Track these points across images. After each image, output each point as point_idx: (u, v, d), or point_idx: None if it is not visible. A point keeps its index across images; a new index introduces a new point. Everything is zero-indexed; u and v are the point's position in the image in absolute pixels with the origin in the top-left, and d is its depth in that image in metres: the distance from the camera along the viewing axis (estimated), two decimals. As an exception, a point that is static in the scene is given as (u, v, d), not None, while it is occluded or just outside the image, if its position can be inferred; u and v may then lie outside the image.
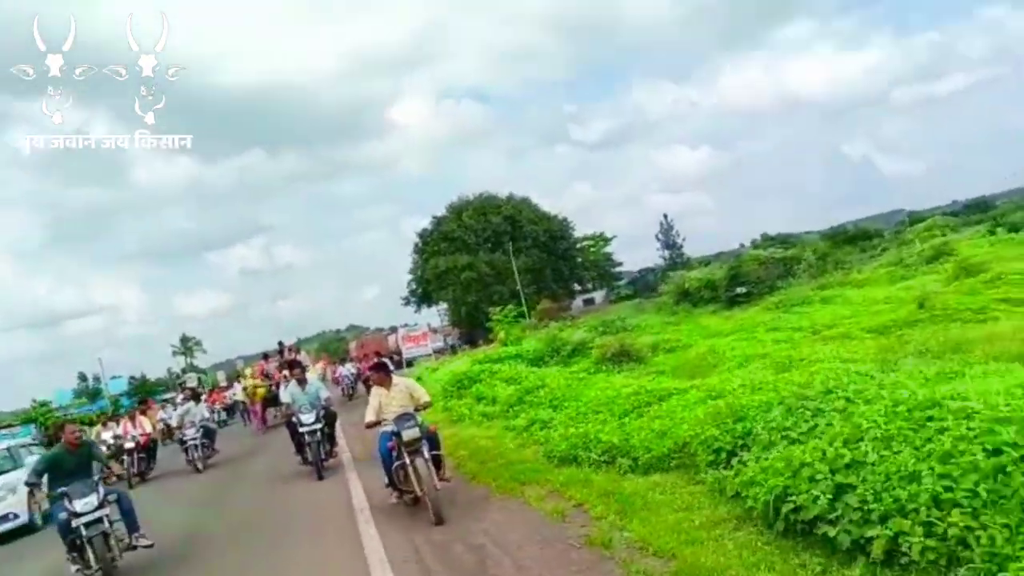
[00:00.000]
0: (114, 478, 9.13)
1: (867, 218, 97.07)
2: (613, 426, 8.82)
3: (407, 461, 7.49)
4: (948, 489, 4.02)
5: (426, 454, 7.49)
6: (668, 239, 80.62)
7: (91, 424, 31.04)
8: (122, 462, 15.90)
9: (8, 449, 14.21)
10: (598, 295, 78.94)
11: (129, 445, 16.06)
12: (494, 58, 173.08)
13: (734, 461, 6.15)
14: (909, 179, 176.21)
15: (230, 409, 30.57)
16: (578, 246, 75.81)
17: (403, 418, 7.66)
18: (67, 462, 8.25)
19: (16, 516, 11.95)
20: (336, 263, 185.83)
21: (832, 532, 4.37)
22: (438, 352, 50.33)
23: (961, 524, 3.79)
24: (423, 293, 70.14)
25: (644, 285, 66.58)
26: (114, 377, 64.14)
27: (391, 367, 9.19)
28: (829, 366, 9.38)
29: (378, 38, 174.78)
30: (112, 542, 7.93)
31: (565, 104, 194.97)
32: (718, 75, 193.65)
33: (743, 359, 13.90)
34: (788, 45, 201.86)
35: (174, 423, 17.67)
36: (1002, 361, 8.89)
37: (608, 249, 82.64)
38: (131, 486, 14.95)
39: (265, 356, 25.18)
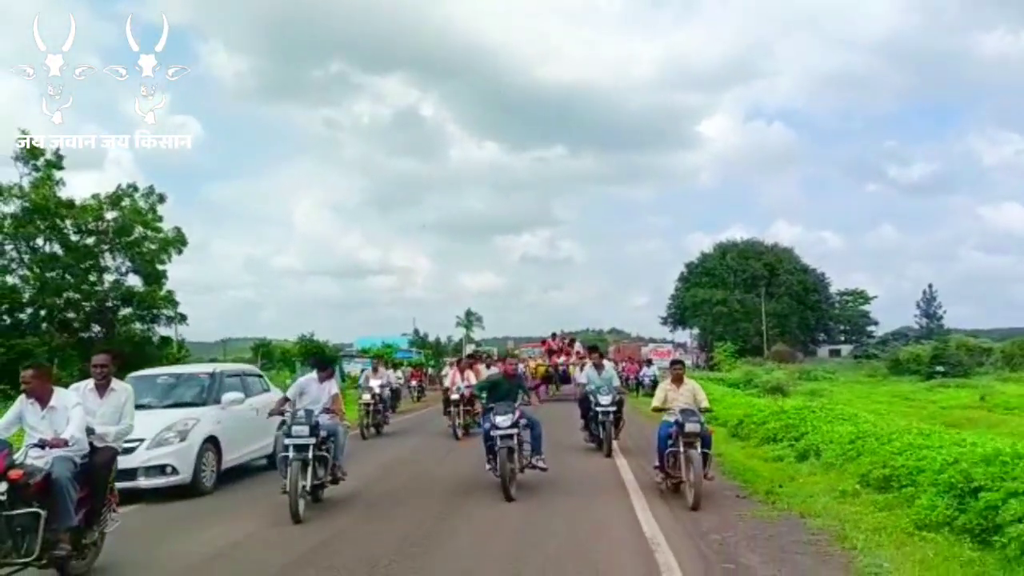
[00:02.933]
0: (536, 403, 10.38)
1: None
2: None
3: (681, 450, 8.06)
4: None
5: (699, 448, 7.96)
6: (928, 308, 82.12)
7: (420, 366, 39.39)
8: (449, 413, 16.10)
9: (241, 376, 11.54)
10: (845, 348, 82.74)
11: (455, 397, 15.82)
12: (815, 81, 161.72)
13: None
14: None
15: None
16: (833, 301, 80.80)
17: (688, 412, 8.17)
18: (502, 386, 9.57)
19: (174, 471, 8.99)
20: (612, 265, 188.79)
21: None
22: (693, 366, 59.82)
23: None
24: (680, 317, 79.79)
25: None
26: (404, 334, 66.70)
27: (682, 364, 9.64)
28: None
29: (700, 50, 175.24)
30: (516, 457, 8.85)
31: (884, 139, 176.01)
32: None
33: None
34: None
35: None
36: None
37: (866, 307, 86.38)
38: (456, 437, 15.17)
39: (553, 336, 28.60)
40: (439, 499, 9.11)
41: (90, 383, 6.52)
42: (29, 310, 30.07)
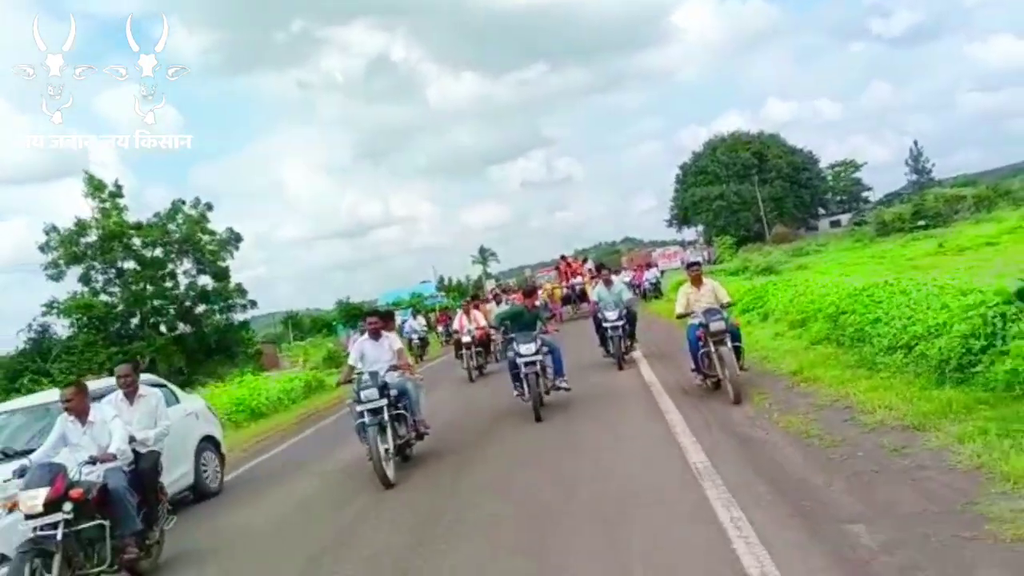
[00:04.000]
0: (555, 331, 10.76)
1: None
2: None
3: (712, 349, 8.19)
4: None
5: (729, 344, 8.14)
6: (917, 165, 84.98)
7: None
8: (461, 357, 15.99)
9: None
10: (845, 218, 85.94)
11: (466, 339, 15.70)
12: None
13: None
14: None
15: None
16: (824, 175, 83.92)
17: (710, 312, 8.33)
18: (523, 316, 10.05)
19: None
20: (613, 175, 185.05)
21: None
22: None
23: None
24: (683, 217, 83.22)
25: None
26: (423, 282, 68.07)
27: (700, 266, 9.71)
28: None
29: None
30: (541, 380, 9.41)
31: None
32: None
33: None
34: None
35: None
36: None
37: (858, 175, 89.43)
38: (471, 379, 15.12)
39: (563, 258, 29.16)
40: (476, 431, 9.59)
41: (119, 394, 6.69)
42: (134, 321, 34.95)
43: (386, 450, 7.34)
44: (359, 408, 7.50)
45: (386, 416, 7.46)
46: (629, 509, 5.17)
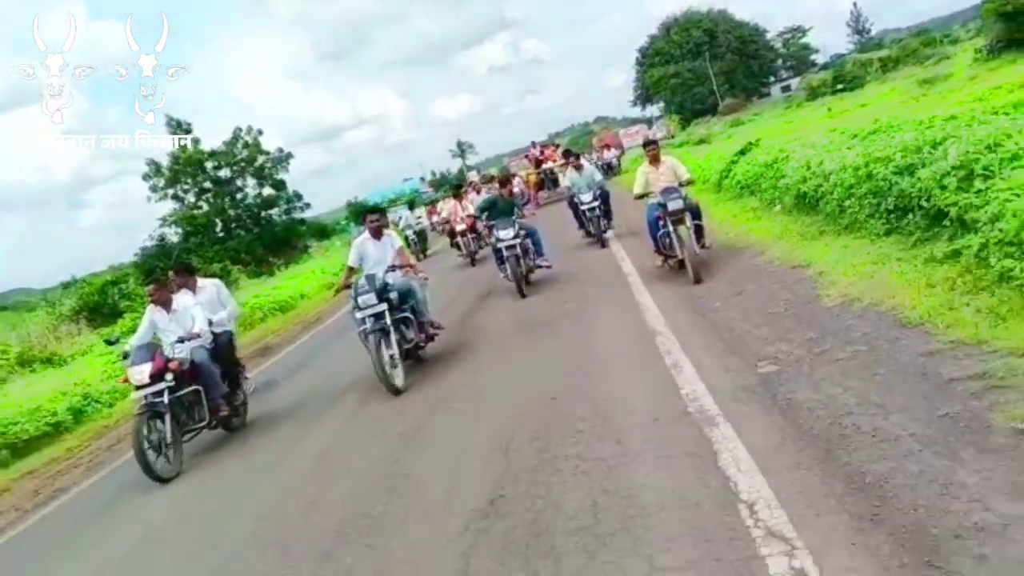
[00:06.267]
0: (532, 215, 11.38)
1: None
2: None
3: (672, 229, 7.91)
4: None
5: (688, 223, 7.92)
6: (858, 25, 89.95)
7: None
8: (456, 245, 16.49)
9: None
10: (795, 83, 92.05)
11: (460, 227, 15.99)
12: None
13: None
14: None
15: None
16: (772, 44, 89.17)
17: (669, 191, 8.01)
18: (499, 204, 10.40)
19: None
20: (580, 53, 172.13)
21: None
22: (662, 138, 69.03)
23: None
24: (646, 96, 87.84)
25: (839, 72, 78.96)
26: (407, 179, 66.50)
27: (657, 144, 9.32)
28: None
29: None
30: (523, 261, 9.80)
31: None
32: None
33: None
34: None
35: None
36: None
37: (806, 40, 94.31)
38: (473, 263, 15.46)
39: (533, 144, 30.69)
40: (469, 304, 10.63)
41: (182, 291, 7.22)
42: (219, 227, 44.58)
43: (391, 356, 6.88)
44: (358, 315, 6.99)
45: (388, 320, 6.92)
46: (600, 354, 6.29)
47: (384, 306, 6.94)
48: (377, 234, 7.75)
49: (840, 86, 50.19)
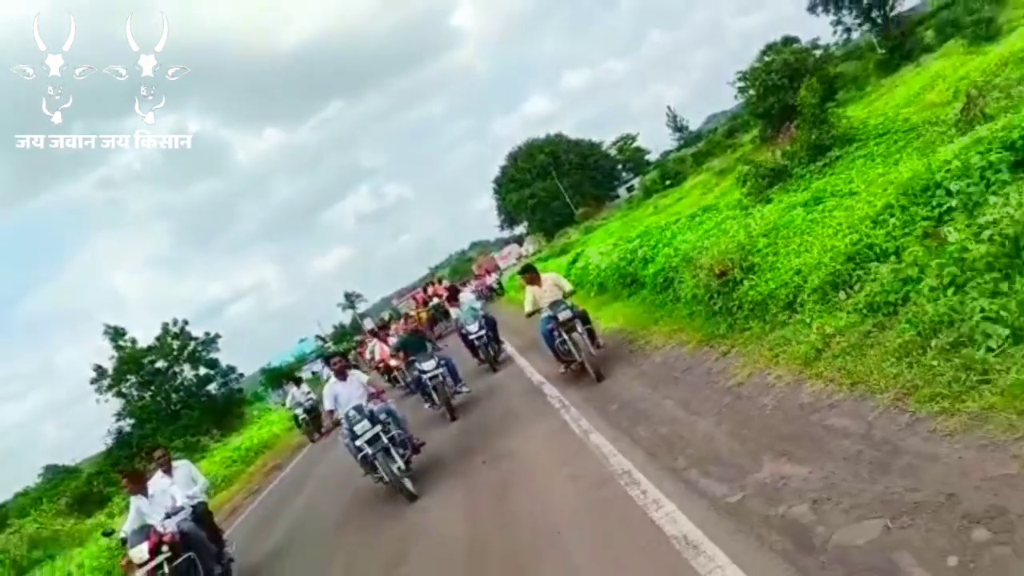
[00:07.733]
0: (444, 347, 12.43)
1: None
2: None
3: (566, 337, 8.56)
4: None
5: (580, 329, 8.51)
6: (676, 124, 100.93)
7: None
8: (392, 380, 17.31)
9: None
10: (636, 182, 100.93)
11: (395, 363, 16.14)
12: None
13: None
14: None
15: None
16: (611, 152, 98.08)
17: (556, 304, 8.64)
18: (411, 342, 11.50)
19: None
20: (441, 185, 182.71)
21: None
22: (533, 252, 72.12)
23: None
24: (510, 219, 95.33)
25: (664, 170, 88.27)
26: (301, 339, 73.00)
27: (534, 268, 9.82)
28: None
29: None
30: (446, 388, 10.48)
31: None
32: None
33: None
34: None
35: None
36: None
37: (637, 143, 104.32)
38: (412, 393, 14.45)
39: (418, 288, 35.29)
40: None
41: (158, 472, 7.99)
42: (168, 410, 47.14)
43: (398, 468, 7.51)
44: (356, 443, 7.59)
45: (384, 440, 7.58)
46: (522, 425, 8.22)
47: (379, 427, 7.71)
48: (342, 375, 8.39)
49: (668, 182, 56.88)
